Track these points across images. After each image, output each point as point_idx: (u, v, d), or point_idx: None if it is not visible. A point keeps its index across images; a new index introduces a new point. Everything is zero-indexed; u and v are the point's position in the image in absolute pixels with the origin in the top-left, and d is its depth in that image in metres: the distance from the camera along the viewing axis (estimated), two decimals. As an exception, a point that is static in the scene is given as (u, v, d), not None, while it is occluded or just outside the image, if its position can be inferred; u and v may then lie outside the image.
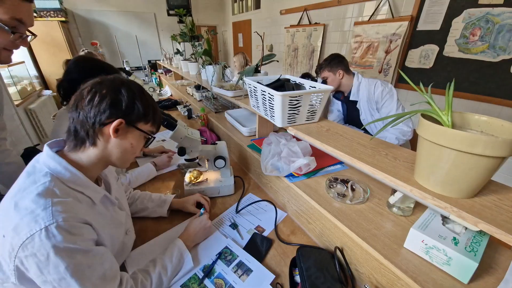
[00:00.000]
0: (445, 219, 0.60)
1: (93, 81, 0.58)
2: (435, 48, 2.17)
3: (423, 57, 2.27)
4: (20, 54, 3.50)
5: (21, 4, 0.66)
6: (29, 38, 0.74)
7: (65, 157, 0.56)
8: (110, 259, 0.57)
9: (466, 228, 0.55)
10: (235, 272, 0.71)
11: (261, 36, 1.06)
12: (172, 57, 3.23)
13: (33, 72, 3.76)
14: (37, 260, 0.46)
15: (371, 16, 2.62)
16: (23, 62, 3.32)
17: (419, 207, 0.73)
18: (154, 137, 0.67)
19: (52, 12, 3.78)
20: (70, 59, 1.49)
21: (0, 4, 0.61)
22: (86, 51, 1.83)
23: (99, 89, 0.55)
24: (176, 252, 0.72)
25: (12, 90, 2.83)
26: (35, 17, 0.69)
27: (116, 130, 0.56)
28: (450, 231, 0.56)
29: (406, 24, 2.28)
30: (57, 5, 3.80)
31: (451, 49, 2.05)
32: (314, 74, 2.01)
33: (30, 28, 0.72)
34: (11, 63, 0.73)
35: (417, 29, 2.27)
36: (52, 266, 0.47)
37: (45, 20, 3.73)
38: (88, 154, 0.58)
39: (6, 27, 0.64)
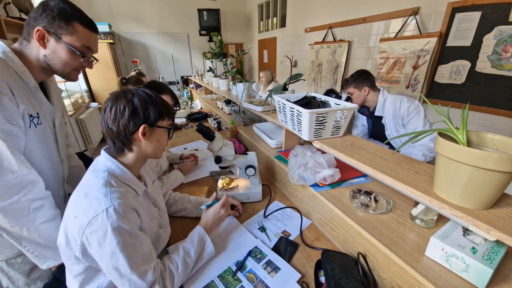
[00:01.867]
0: (466, 231, 0.64)
1: (110, 98, 0.67)
2: (466, 64, 2.13)
3: (454, 72, 2.24)
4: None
5: (91, 35, 0.83)
6: (93, 62, 0.92)
7: (115, 158, 0.70)
8: (148, 245, 0.68)
9: (485, 240, 0.59)
10: (264, 269, 0.79)
11: (290, 59, 1.18)
12: (203, 74, 3.51)
13: (84, 86, 4.30)
14: (98, 236, 0.58)
15: (397, 33, 2.65)
16: (77, 78, 3.83)
17: (442, 220, 0.76)
18: (173, 129, 0.77)
19: (102, 35, 4.34)
20: (124, 77, 1.74)
21: (75, 34, 0.78)
22: (137, 70, 2.12)
23: (118, 105, 0.64)
24: (196, 237, 0.82)
25: (67, 102, 3.28)
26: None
27: (143, 134, 0.68)
28: (470, 242, 0.59)
29: (435, 40, 2.28)
30: (107, 29, 4.36)
31: (484, 65, 2.01)
32: (338, 90, 2.08)
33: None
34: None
35: (446, 45, 2.25)
36: (108, 241, 0.58)
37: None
38: (128, 157, 0.71)
39: (78, 52, 0.80)
